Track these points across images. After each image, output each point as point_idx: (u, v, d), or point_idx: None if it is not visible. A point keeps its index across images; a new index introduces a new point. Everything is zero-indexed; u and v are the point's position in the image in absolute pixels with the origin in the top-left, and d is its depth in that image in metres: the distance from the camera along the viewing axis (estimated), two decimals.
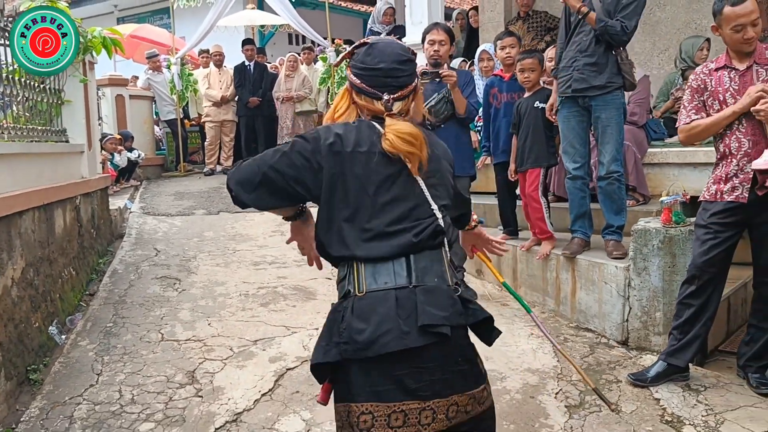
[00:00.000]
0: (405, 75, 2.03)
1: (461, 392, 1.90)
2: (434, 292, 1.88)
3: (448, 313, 1.86)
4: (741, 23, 3.33)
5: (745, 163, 3.42)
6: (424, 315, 1.83)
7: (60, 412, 3.60)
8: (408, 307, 1.85)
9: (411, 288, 1.88)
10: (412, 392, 1.85)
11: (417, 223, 1.94)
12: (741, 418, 3.38)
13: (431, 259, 1.94)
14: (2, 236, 3.83)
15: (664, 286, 4.01)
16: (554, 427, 3.38)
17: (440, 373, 1.87)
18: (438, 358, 1.87)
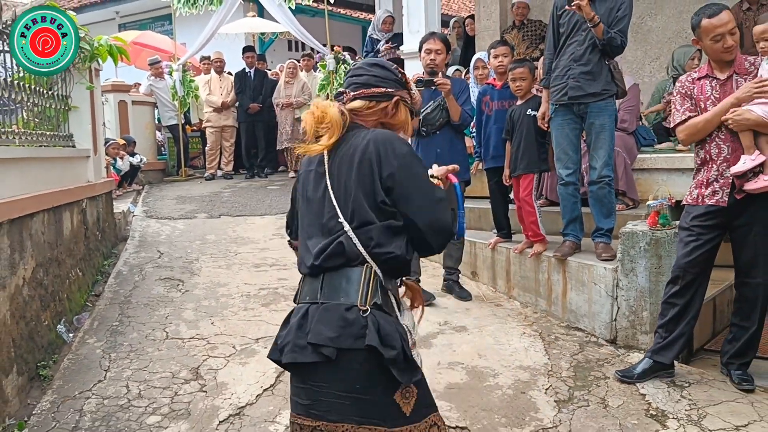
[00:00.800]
0: (368, 74, 2.10)
1: (358, 423, 1.86)
2: (331, 311, 1.88)
3: (333, 335, 1.84)
4: (719, 33, 3.51)
5: (724, 169, 3.58)
6: (312, 333, 1.86)
7: (70, 405, 3.75)
8: (308, 323, 1.89)
9: (318, 304, 1.92)
10: (305, 408, 1.91)
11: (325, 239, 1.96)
12: (723, 413, 3.53)
13: (343, 277, 1.92)
14: (14, 237, 3.99)
15: (650, 287, 4.17)
16: (543, 420, 3.53)
17: (332, 396, 1.86)
18: (329, 379, 1.86)
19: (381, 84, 2.08)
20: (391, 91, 2.09)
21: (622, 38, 4.39)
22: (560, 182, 4.72)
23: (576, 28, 4.47)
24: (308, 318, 1.90)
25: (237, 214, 7.96)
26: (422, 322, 4.64)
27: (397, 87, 2.11)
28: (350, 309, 1.88)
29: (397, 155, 1.94)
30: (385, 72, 2.12)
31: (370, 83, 2.08)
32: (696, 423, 3.45)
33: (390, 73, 2.13)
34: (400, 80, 2.14)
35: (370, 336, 1.84)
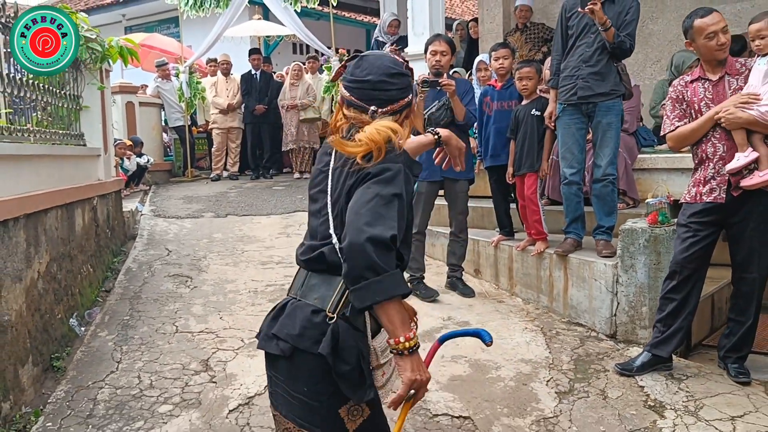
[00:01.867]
0: (394, 89, 1.96)
1: (299, 425, 1.90)
2: (301, 309, 1.91)
3: (293, 333, 1.87)
4: (712, 31, 3.63)
5: (720, 167, 3.68)
6: (277, 326, 1.93)
7: (84, 395, 3.86)
8: (282, 315, 1.96)
9: (296, 300, 1.96)
10: (271, 395, 2.02)
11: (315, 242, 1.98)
12: (719, 404, 3.63)
13: (324, 281, 1.92)
14: (30, 232, 4.10)
15: (649, 283, 4.27)
16: (545, 410, 3.63)
17: (283, 391, 1.93)
18: (284, 375, 1.92)
19: (403, 95, 1.99)
20: (411, 98, 2.02)
21: (630, 42, 4.51)
22: (564, 181, 4.81)
23: (585, 30, 4.58)
24: (284, 310, 1.96)
25: (243, 213, 8.07)
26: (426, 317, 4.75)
27: (411, 90, 2.03)
28: (317, 312, 1.87)
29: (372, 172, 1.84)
30: (404, 80, 1.99)
31: (397, 98, 1.97)
32: (693, 413, 3.55)
33: (406, 78, 2.01)
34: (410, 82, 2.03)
35: (324, 344, 1.82)
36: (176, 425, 3.52)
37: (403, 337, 1.74)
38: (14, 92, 4.29)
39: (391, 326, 1.74)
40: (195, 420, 3.57)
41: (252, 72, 10.61)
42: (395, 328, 1.74)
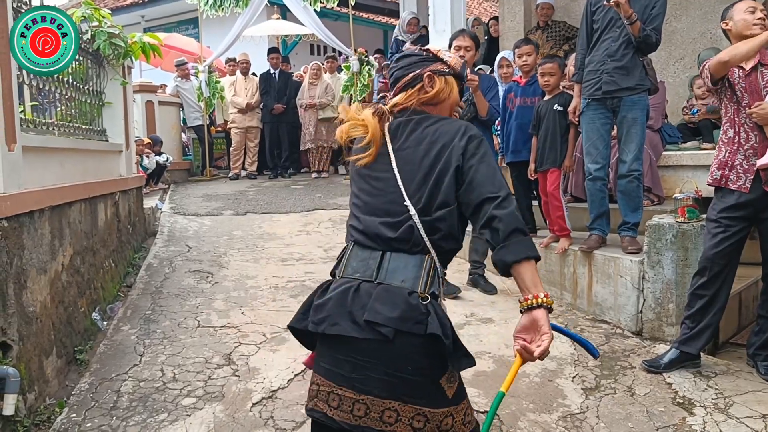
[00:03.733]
0: (396, 69, 2.16)
1: (405, 402, 1.89)
2: (392, 292, 1.91)
3: (394, 316, 1.86)
4: (754, 6, 3.60)
5: (750, 155, 3.62)
6: (370, 311, 1.88)
7: (108, 387, 3.86)
8: (364, 299, 1.91)
9: (374, 283, 1.93)
10: (348, 380, 1.91)
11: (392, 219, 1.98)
12: (749, 401, 3.57)
13: (405, 263, 1.95)
14: (55, 224, 4.11)
15: (677, 279, 4.21)
16: (571, 407, 3.58)
17: (380, 373, 1.88)
18: (380, 357, 1.88)
19: (408, 71, 2.12)
20: (419, 72, 2.10)
21: (656, 36, 4.45)
22: (588, 177, 4.76)
23: (610, 24, 4.53)
24: (360, 294, 1.92)
25: (262, 211, 8.07)
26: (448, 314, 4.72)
27: (424, 65, 2.12)
28: (411, 294, 1.90)
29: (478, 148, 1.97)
30: (408, 59, 2.15)
31: (400, 76, 2.13)
32: (723, 411, 3.49)
33: (413, 56, 2.16)
34: (426, 57, 2.15)
35: (433, 324, 1.87)
36: (200, 417, 3.51)
37: (543, 293, 1.91)
38: (39, 85, 4.32)
39: (534, 283, 1.90)
40: (218, 413, 3.56)
41: (271, 71, 10.63)
42: (537, 284, 1.90)
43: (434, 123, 2.06)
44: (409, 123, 2.08)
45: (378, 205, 2.02)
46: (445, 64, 2.13)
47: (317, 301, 1.99)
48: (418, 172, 1.99)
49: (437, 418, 1.91)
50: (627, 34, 4.47)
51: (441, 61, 2.13)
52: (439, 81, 2.11)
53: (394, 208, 1.98)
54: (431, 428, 1.90)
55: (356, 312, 1.90)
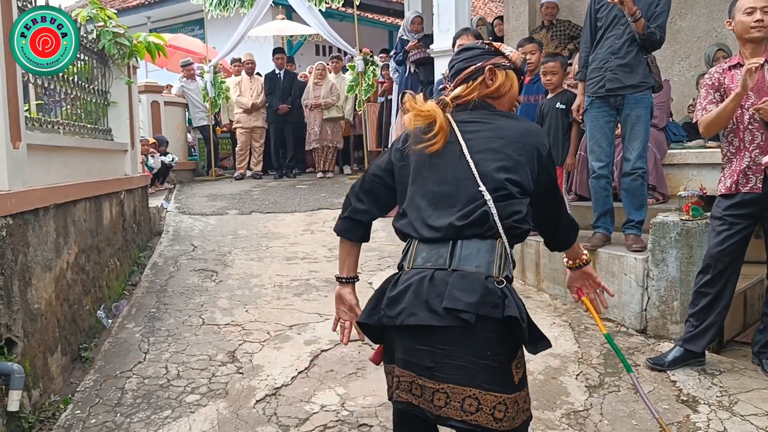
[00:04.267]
0: (458, 61, 2.17)
1: (486, 390, 1.88)
2: (468, 278, 1.90)
3: (473, 301, 1.86)
4: (753, 6, 3.56)
5: (757, 155, 3.61)
6: (449, 298, 1.86)
7: (112, 384, 3.87)
8: (440, 288, 1.89)
9: (449, 271, 1.92)
10: (427, 370, 1.90)
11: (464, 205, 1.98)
12: (754, 399, 3.55)
13: (477, 248, 1.95)
14: (60, 222, 4.13)
15: (681, 277, 4.20)
16: (575, 404, 3.58)
17: (460, 360, 1.88)
18: (460, 344, 1.88)
19: (469, 64, 2.13)
20: (480, 65, 2.12)
21: (660, 33, 4.44)
22: (592, 175, 4.75)
23: (614, 21, 4.52)
24: (435, 283, 1.91)
25: (267, 211, 8.09)
26: None
27: (485, 58, 2.14)
28: (487, 279, 1.91)
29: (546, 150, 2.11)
30: (470, 52, 2.17)
31: (461, 68, 2.14)
32: (727, 408, 3.47)
33: (476, 50, 2.17)
34: (487, 51, 2.16)
35: (511, 308, 1.88)
36: (203, 414, 3.52)
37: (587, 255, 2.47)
38: (44, 84, 4.34)
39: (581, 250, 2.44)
40: (222, 410, 3.57)
41: (276, 71, 10.65)
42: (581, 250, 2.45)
43: (504, 117, 2.11)
44: (476, 114, 2.10)
45: (448, 193, 2.01)
46: (506, 59, 2.15)
47: (390, 294, 1.97)
48: (492, 162, 2.00)
49: (512, 404, 1.91)
50: (631, 31, 4.46)
51: (502, 55, 2.15)
52: (501, 75, 2.12)
53: (467, 195, 1.98)
54: (508, 417, 1.89)
55: (433, 300, 1.89)
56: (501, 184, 1.99)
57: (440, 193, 2.02)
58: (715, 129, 3.81)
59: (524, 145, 2.04)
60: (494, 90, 2.12)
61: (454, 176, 2.02)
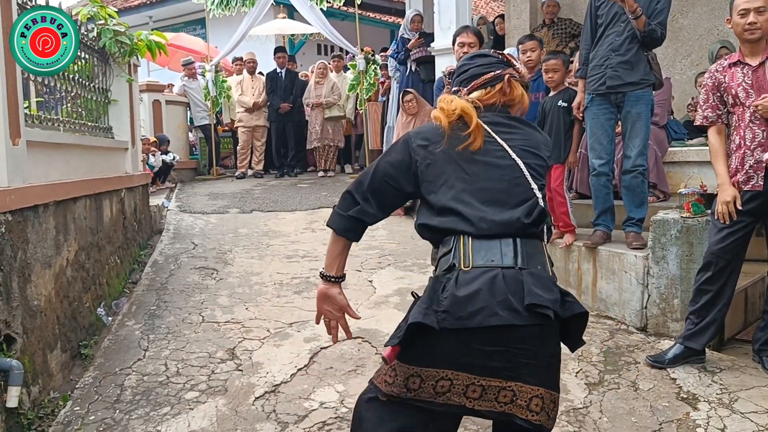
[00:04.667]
0: (473, 66, 2.17)
1: (549, 388, 1.88)
2: (539, 276, 1.89)
3: (553, 298, 1.86)
4: (746, 8, 3.56)
5: (759, 153, 3.60)
6: (531, 295, 1.82)
7: (111, 381, 3.87)
8: (515, 286, 1.84)
9: (517, 269, 1.88)
10: (497, 370, 1.84)
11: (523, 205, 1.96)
12: (754, 397, 3.55)
13: (534, 246, 1.95)
14: (59, 219, 4.13)
15: (681, 274, 4.19)
16: (574, 401, 3.57)
17: (531, 358, 1.85)
18: (534, 342, 1.85)
19: (488, 70, 2.13)
20: (500, 72, 2.13)
21: (662, 30, 4.44)
22: (593, 173, 4.74)
23: (614, 19, 4.52)
24: (508, 282, 1.85)
25: (268, 209, 8.09)
26: None
27: (503, 67, 2.16)
28: (550, 277, 1.94)
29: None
30: (487, 59, 2.18)
31: (478, 74, 2.14)
32: (727, 406, 3.47)
33: (491, 57, 2.19)
34: (502, 61, 2.18)
35: (576, 305, 1.92)
36: (203, 411, 3.52)
37: None
38: (45, 81, 4.34)
39: None
40: (221, 407, 3.56)
41: (277, 70, 10.65)
42: None
43: (527, 125, 2.15)
44: (502, 118, 2.11)
45: (501, 189, 1.98)
46: (516, 71, 2.17)
47: (460, 294, 1.86)
48: (530, 165, 2.03)
49: (557, 403, 1.93)
50: (631, 28, 4.46)
51: (513, 67, 2.17)
52: (516, 85, 2.15)
53: (520, 194, 1.98)
54: (554, 415, 1.91)
55: (513, 299, 1.83)
56: (539, 186, 2.03)
57: (493, 189, 1.98)
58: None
59: (542, 154, 2.10)
60: (512, 99, 2.14)
61: (503, 175, 2.00)
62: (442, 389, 1.88)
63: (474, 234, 1.94)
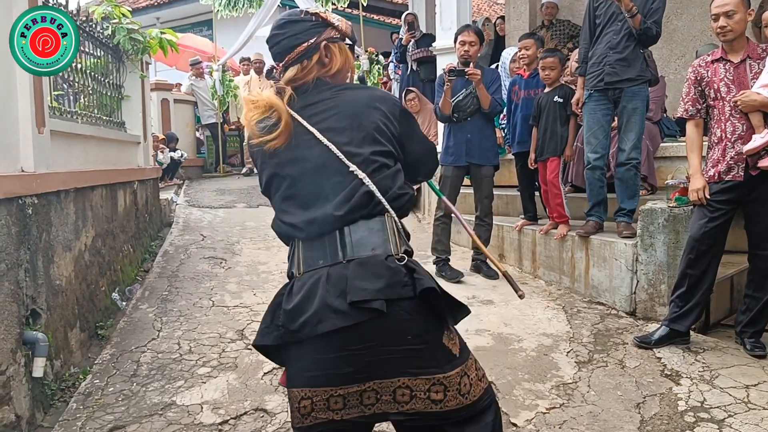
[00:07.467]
0: (285, 37, 1.90)
1: (415, 375, 1.72)
2: (367, 264, 1.73)
3: (381, 286, 1.68)
4: (714, 13, 3.84)
5: (739, 146, 3.82)
6: (353, 291, 1.67)
7: (128, 357, 4.10)
8: (340, 284, 1.70)
9: (344, 263, 1.74)
10: (348, 375, 1.71)
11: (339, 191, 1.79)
12: (734, 374, 3.75)
13: (367, 228, 1.78)
14: (79, 206, 4.36)
15: (668, 261, 4.40)
16: (564, 377, 3.78)
17: (381, 352, 1.70)
18: (377, 336, 1.69)
19: (300, 41, 1.89)
20: (313, 41, 1.89)
21: (657, 28, 4.66)
22: (588, 166, 4.95)
23: (612, 18, 4.75)
24: (333, 281, 1.71)
25: None
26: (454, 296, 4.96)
27: (318, 32, 1.91)
28: (387, 259, 1.74)
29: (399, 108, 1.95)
30: (299, 26, 1.91)
31: (290, 46, 1.90)
32: (708, 382, 3.67)
33: (303, 23, 1.92)
34: (315, 23, 1.92)
35: (424, 280, 1.73)
36: (215, 384, 3.74)
37: None
38: (64, 75, 4.58)
39: None
40: (232, 380, 3.79)
41: None
42: None
43: (345, 90, 1.91)
44: (316, 94, 1.90)
45: (319, 184, 1.81)
46: (336, 29, 1.95)
47: (288, 307, 1.75)
48: (351, 138, 1.83)
49: (454, 381, 1.76)
50: (628, 27, 4.67)
51: (332, 26, 1.94)
52: (336, 50, 1.93)
53: (339, 180, 1.80)
54: (452, 395, 1.75)
55: (336, 300, 1.69)
56: (369, 157, 1.82)
57: (308, 186, 1.82)
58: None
59: (376, 111, 1.87)
60: (336, 69, 1.93)
61: (316, 165, 1.82)
62: (305, 410, 1.76)
63: (304, 238, 1.82)
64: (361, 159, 1.81)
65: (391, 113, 1.90)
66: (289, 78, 1.89)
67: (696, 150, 4.02)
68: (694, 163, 4.00)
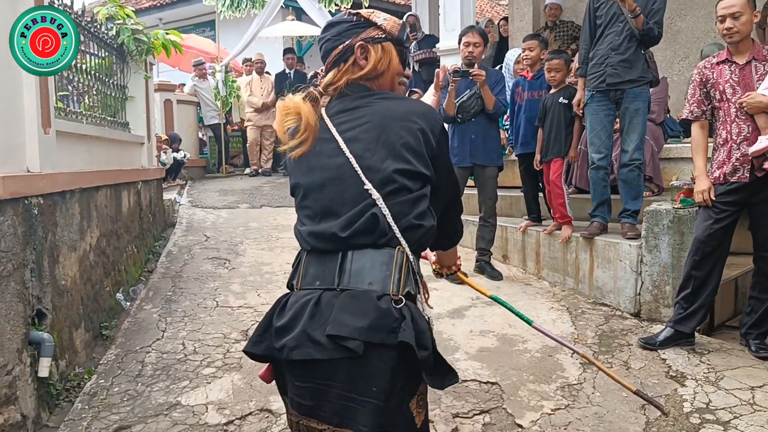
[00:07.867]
0: (326, 40, 1.85)
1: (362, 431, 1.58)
2: (357, 298, 1.60)
3: (363, 325, 1.55)
4: (721, 15, 3.83)
5: (745, 147, 3.82)
6: (334, 323, 1.57)
7: (133, 357, 4.10)
8: (326, 312, 1.60)
9: (337, 291, 1.63)
10: (311, 409, 1.63)
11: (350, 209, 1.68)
12: (739, 375, 3.75)
13: (372, 260, 1.65)
14: (83, 206, 4.37)
15: (673, 262, 4.40)
16: (569, 378, 3.78)
17: (339, 397, 1.59)
18: (343, 378, 1.58)
19: (337, 43, 1.82)
20: (348, 42, 1.80)
21: (658, 29, 4.66)
22: (591, 166, 4.95)
23: (613, 19, 4.75)
24: (321, 307, 1.62)
25: (277, 205, 8.34)
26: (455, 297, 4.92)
27: (356, 33, 1.82)
28: (382, 298, 1.60)
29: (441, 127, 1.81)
30: (337, 27, 1.84)
31: (329, 49, 1.84)
32: (713, 383, 3.67)
33: (342, 24, 1.84)
34: (356, 23, 1.84)
35: (407, 332, 1.57)
36: (219, 384, 3.75)
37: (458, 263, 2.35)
38: (69, 76, 4.59)
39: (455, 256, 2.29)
40: (237, 381, 3.79)
41: (286, 71, 10.90)
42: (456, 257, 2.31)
43: (383, 99, 1.80)
44: (351, 100, 1.81)
45: (332, 197, 1.71)
46: (380, 29, 1.82)
47: (278, 324, 1.68)
48: (375, 151, 1.70)
49: None
50: (630, 28, 4.67)
51: (375, 26, 1.82)
52: (374, 51, 1.81)
53: (352, 196, 1.68)
54: None
55: (316, 330, 1.59)
56: (389, 176, 1.67)
57: (324, 198, 1.73)
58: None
59: (411, 125, 1.73)
60: (369, 71, 1.80)
61: (333, 176, 1.71)
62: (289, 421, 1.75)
63: (309, 250, 1.74)
64: (380, 177, 1.67)
65: (431, 130, 1.75)
66: (326, 82, 1.82)
67: (701, 151, 4.02)
68: (699, 164, 4.00)
